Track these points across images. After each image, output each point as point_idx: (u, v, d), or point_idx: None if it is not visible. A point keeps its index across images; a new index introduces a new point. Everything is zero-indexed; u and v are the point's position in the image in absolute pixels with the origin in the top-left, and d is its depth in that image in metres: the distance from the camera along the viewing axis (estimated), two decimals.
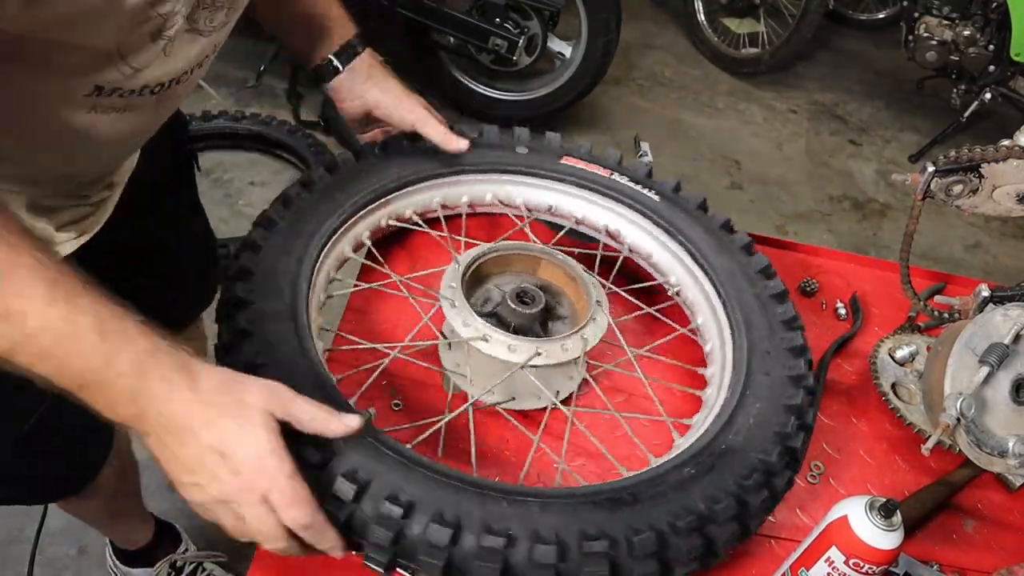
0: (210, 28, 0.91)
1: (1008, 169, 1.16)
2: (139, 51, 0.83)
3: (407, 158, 1.21)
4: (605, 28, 3.12)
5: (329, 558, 0.80)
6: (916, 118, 4.14)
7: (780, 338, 1.06)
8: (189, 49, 0.91)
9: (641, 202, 1.22)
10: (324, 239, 1.06)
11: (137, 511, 1.72)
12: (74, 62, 0.80)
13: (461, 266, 1.05)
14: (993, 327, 1.08)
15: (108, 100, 0.88)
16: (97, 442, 1.35)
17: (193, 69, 0.96)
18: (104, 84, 0.85)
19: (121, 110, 0.91)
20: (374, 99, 1.22)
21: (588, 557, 0.78)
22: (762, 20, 4.14)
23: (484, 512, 0.79)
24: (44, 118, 0.87)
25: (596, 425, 1.07)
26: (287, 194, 1.10)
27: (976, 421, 1.04)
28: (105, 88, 0.85)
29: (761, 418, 0.96)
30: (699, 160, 3.61)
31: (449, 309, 1.01)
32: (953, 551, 1.06)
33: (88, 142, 0.93)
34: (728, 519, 0.85)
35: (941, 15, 3.53)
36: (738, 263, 1.15)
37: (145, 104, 0.93)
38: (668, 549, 0.81)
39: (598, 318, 1.04)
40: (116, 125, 0.93)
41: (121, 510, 1.64)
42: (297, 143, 2.96)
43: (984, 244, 3.50)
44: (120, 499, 1.58)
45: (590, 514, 0.81)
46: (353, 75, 1.21)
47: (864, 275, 1.43)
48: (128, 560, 1.79)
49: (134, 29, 0.80)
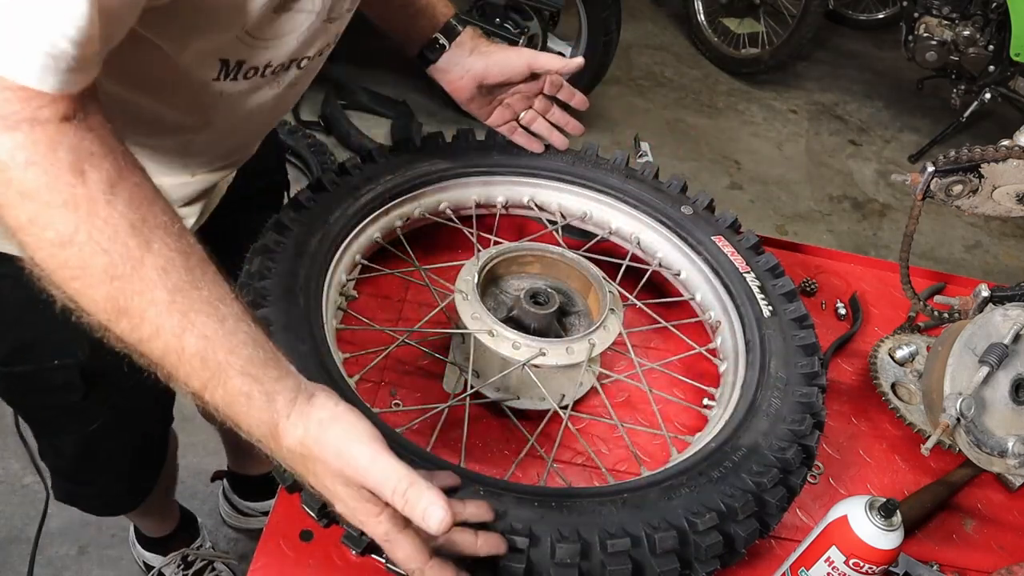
0: (335, 15, 0.92)
1: (1008, 169, 1.16)
2: (262, 22, 0.84)
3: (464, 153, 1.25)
4: (605, 28, 3.12)
5: (330, 561, 0.80)
6: (916, 118, 4.15)
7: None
8: (316, 36, 0.92)
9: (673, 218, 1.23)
10: (353, 224, 1.10)
11: (166, 508, 1.77)
12: (204, 26, 0.81)
13: (480, 261, 1.06)
14: (993, 327, 1.08)
15: (233, 83, 0.90)
16: (154, 455, 1.42)
17: (315, 56, 0.97)
18: (230, 58, 0.86)
19: (250, 89, 0.93)
20: (482, 67, 1.20)
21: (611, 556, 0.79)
22: (762, 20, 4.14)
23: (508, 510, 0.80)
24: (179, 84, 0.88)
25: (601, 434, 1.07)
26: (320, 180, 1.13)
27: (976, 421, 1.04)
28: (231, 63, 0.87)
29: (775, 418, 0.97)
30: (699, 160, 3.61)
31: (461, 302, 1.01)
32: (953, 551, 1.06)
33: (217, 111, 0.94)
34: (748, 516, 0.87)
35: (941, 15, 3.53)
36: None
37: (268, 85, 0.95)
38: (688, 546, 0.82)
39: (609, 325, 1.04)
40: (245, 100, 0.95)
41: (154, 507, 1.68)
42: (297, 143, 2.96)
43: (984, 244, 3.50)
44: (158, 498, 1.62)
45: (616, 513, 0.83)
46: (459, 50, 1.20)
47: (864, 275, 1.43)
48: (146, 544, 1.85)
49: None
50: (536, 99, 1.26)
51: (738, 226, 1.23)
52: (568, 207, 1.28)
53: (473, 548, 0.74)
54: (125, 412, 1.19)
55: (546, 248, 1.14)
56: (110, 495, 1.42)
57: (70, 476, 1.34)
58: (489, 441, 1.04)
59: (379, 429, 0.76)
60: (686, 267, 1.21)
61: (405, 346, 1.08)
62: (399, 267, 1.17)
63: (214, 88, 0.90)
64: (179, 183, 1.05)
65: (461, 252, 1.26)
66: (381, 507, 0.70)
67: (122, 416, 1.21)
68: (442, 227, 1.26)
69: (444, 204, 1.24)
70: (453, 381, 1.09)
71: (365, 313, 1.13)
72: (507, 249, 1.11)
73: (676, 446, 1.02)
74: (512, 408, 1.05)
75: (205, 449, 2.05)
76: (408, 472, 0.68)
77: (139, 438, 1.33)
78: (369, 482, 0.68)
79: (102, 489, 1.38)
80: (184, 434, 2.05)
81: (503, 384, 1.04)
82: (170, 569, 1.81)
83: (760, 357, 1.04)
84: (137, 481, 1.43)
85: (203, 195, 1.09)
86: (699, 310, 1.19)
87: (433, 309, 1.11)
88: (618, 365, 1.15)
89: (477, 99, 1.23)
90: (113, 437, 1.24)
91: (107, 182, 0.65)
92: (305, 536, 0.89)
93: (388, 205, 1.16)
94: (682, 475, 0.88)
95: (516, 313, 1.06)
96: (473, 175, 1.25)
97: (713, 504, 0.85)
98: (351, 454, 0.69)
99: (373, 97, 3.29)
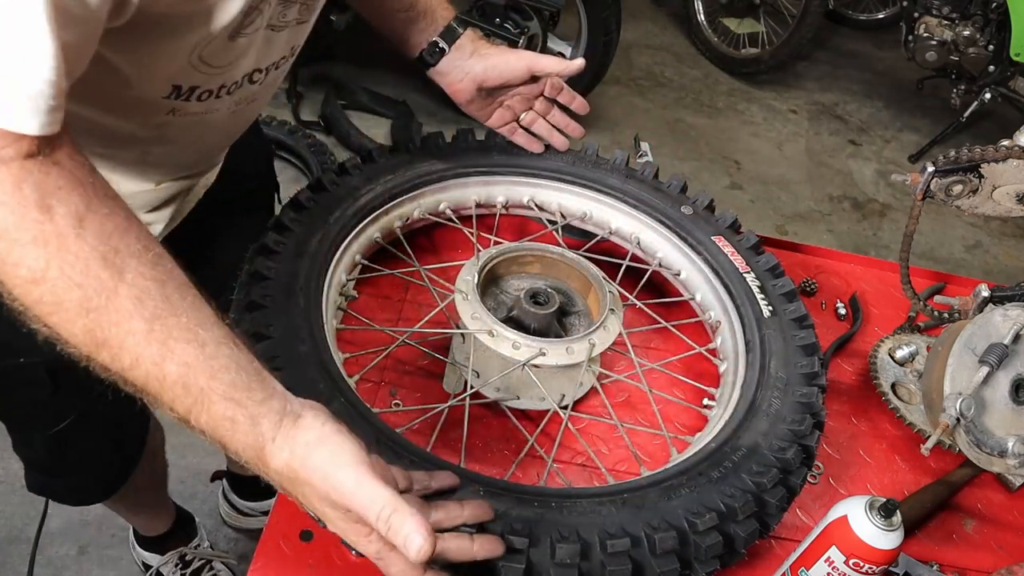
0: (282, 23, 0.92)
1: (1008, 169, 1.16)
2: (216, 51, 0.85)
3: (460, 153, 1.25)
4: (605, 28, 3.12)
5: (330, 561, 0.80)
6: (916, 118, 4.15)
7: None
8: (265, 47, 0.92)
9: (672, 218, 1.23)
10: (352, 224, 1.10)
11: (158, 505, 1.77)
12: (156, 51, 0.82)
13: (480, 261, 1.06)
14: (993, 327, 1.08)
15: (187, 104, 0.91)
16: (129, 450, 1.41)
17: (268, 69, 0.97)
18: (183, 84, 0.87)
19: (201, 112, 0.94)
20: (482, 69, 1.20)
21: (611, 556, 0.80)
22: (762, 20, 4.14)
23: (507, 512, 0.80)
24: (131, 103, 0.89)
25: (601, 434, 1.07)
26: (320, 180, 1.14)
27: (976, 421, 1.04)
28: (183, 88, 0.88)
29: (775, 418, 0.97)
30: (699, 160, 3.61)
31: (461, 302, 1.02)
32: (953, 551, 1.06)
33: (171, 127, 0.95)
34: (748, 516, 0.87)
35: (941, 15, 3.53)
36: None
37: (224, 103, 0.96)
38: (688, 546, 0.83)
39: (609, 325, 1.04)
40: (201, 117, 0.95)
41: (144, 504, 1.70)
42: (297, 143, 2.96)
43: (984, 244, 3.50)
44: (146, 494, 1.63)
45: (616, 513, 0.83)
46: (459, 53, 1.20)
47: (864, 275, 1.43)
48: (143, 544, 1.85)
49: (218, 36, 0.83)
50: (536, 101, 1.26)
51: (738, 226, 1.23)
52: (568, 207, 1.28)
53: (469, 554, 0.74)
54: (96, 409, 1.19)
55: (546, 248, 1.14)
56: (82, 487, 1.42)
57: (43, 469, 1.34)
58: (489, 441, 1.04)
59: (379, 429, 0.76)
60: (686, 267, 1.21)
61: (405, 346, 1.08)
62: (399, 267, 1.17)
63: (165, 107, 0.91)
64: (142, 191, 1.05)
65: (461, 252, 1.26)
66: (370, 528, 0.70)
67: (93, 412, 1.20)
68: (442, 227, 1.26)
69: (444, 204, 1.23)
70: (453, 381, 1.09)
71: (365, 313, 1.13)
72: (507, 249, 1.11)
73: (676, 446, 1.02)
74: (512, 408, 1.05)
75: (205, 449, 2.05)
76: (392, 497, 0.68)
77: (112, 433, 1.33)
78: (354, 506, 0.68)
79: (75, 482, 1.38)
80: (184, 434, 2.03)
81: (503, 384, 1.04)
82: (168, 568, 1.82)
83: (760, 357, 1.04)
84: (110, 475, 1.42)
85: (171, 201, 1.10)
86: (699, 310, 1.19)
87: (433, 309, 1.11)
88: (618, 365, 1.15)
89: (477, 101, 1.23)
90: (85, 433, 1.23)
91: (75, 216, 0.65)
92: (305, 536, 0.89)
93: (388, 205, 1.16)
94: (682, 475, 0.89)
95: (516, 313, 1.06)
96: (473, 175, 1.24)
97: (713, 504, 0.85)
98: (337, 478, 0.69)
99: (373, 97, 3.30)
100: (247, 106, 1.02)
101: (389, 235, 1.18)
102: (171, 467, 1.73)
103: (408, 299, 1.19)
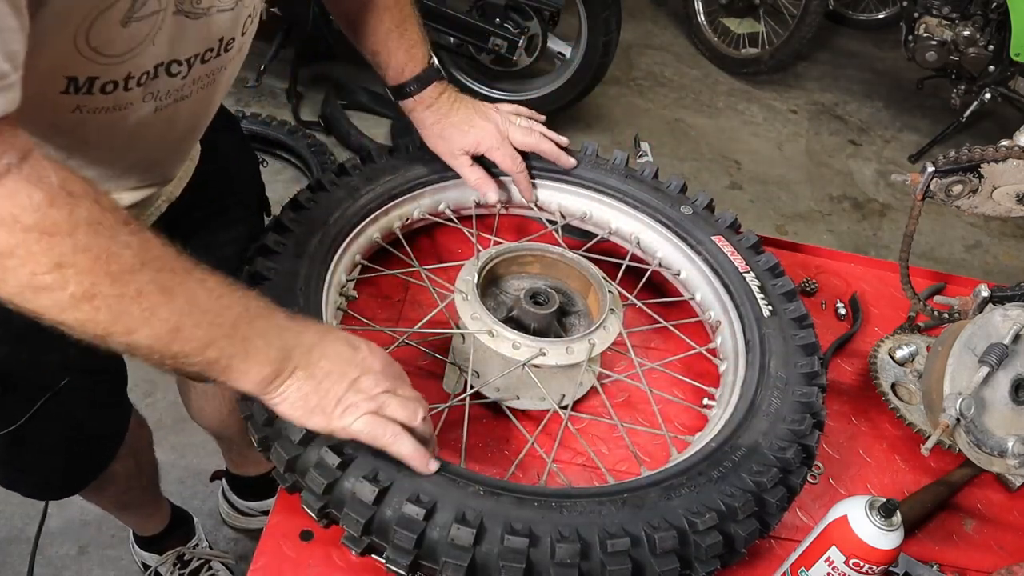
0: (198, 11, 0.87)
1: (1008, 169, 1.16)
2: (109, 38, 0.80)
3: None
4: (605, 28, 3.12)
5: (330, 561, 0.80)
6: (916, 118, 4.15)
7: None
8: (178, 34, 0.87)
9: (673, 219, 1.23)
10: (352, 224, 1.10)
11: (150, 503, 1.76)
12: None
13: (480, 261, 1.06)
14: (993, 327, 1.08)
15: (90, 97, 0.86)
16: (95, 448, 1.39)
17: (190, 62, 0.91)
18: (78, 75, 0.83)
19: (111, 108, 0.89)
20: (446, 146, 1.22)
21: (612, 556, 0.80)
22: (762, 20, 4.14)
23: (507, 512, 0.80)
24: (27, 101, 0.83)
25: (601, 434, 1.07)
26: (320, 180, 1.14)
27: (976, 421, 1.04)
28: (80, 80, 0.83)
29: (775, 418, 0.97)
30: (699, 160, 3.61)
31: (461, 302, 1.02)
32: (953, 551, 1.06)
33: (88, 128, 0.91)
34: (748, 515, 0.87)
35: (941, 15, 3.53)
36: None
37: (145, 100, 0.91)
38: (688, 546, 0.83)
39: (609, 325, 1.04)
40: (121, 117, 0.91)
41: (132, 502, 1.68)
42: (297, 143, 2.96)
43: (984, 244, 3.50)
44: (133, 492, 1.62)
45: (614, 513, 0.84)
46: (423, 112, 1.22)
47: (864, 275, 1.43)
48: (141, 544, 1.85)
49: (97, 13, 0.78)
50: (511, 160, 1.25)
51: (738, 226, 1.23)
52: (568, 207, 1.28)
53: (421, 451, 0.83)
54: (49, 410, 1.18)
55: (546, 248, 1.14)
56: (44, 484, 1.40)
57: (5, 463, 1.33)
58: (489, 441, 1.04)
59: None
60: (686, 267, 1.20)
61: (405, 346, 1.08)
62: (399, 267, 1.17)
63: (68, 103, 0.85)
64: None
65: (461, 252, 1.26)
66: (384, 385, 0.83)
67: (49, 413, 1.18)
68: (442, 227, 1.26)
69: (444, 204, 1.23)
70: (453, 381, 1.09)
71: (365, 313, 1.13)
72: (507, 249, 1.11)
73: (676, 446, 1.02)
74: (512, 408, 1.05)
75: (205, 449, 2.05)
76: None
77: (71, 433, 1.31)
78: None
79: (36, 478, 1.37)
80: (183, 434, 2.05)
81: (503, 384, 1.04)
82: (166, 568, 1.81)
83: (760, 357, 1.04)
84: (74, 472, 1.41)
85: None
86: (699, 310, 1.19)
87: (433, 309, 1.11)
88: (618, 365, 1.15)
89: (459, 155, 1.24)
90: (41, 431, 1.22)
91: None
92: (305, 536, 0.89)
93: (388, 205, 1.16)
94: (682, 475, 0.89)
95: (516, 313, 1.06)
96: None
97: (713, 504, 0.85)
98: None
99: (373, 97, 3.29)
100: (179, 104, 0.95)
101: (389, 235, 1.18)
102: (171, 467, 1.73)
103: (408, 299, 1.19)
